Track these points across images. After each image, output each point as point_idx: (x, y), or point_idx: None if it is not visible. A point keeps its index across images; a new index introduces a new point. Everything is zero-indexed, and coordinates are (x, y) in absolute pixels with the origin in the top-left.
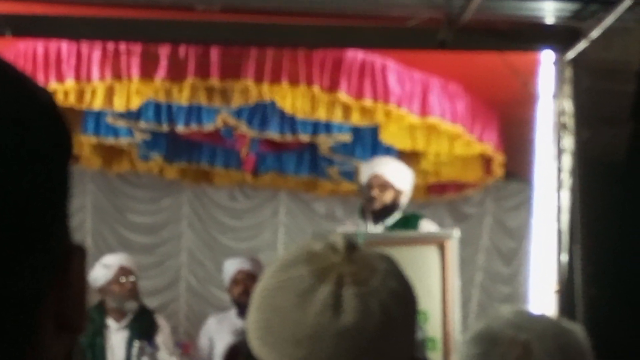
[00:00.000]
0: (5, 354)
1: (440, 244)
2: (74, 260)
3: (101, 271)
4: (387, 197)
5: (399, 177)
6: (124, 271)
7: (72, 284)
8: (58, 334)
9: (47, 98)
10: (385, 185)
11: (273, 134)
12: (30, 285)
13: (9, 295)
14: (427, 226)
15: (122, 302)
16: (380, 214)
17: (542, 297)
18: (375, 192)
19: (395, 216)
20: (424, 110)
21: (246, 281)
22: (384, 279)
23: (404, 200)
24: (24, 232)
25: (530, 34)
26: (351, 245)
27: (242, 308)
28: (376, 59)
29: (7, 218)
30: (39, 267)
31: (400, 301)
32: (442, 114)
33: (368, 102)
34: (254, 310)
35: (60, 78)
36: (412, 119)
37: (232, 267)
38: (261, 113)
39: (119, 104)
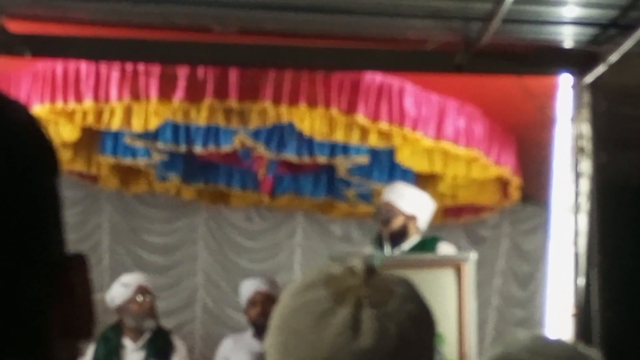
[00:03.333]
0: None
1: (456, 266)
2: (75, 267)
3: (119, 290)
4: (396, 223)
5: (408, 203)
6: (142, 290)
7: (75, 291)
8: (64, 341)
9: (26, 112)
10: (394, 212)
11: (290, 155)
12: (31, 294)
13: (12, 305)
14: (445, 249)
15: (141, 321)
16: (395, 240)
17: (558, 321)
18: (383, 219)
19: (413, 241)
20: (440, 134)
21: (264, 302)
22: (402, 302)
23: (420, 225)
24: (19, 243)
25: (548, 58)
26: (369, 269)
27: (259, 329)
28: (394, 81)
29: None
30: (37, 276)
31: (418, 324)
32: (458, 137)
33: (384, 124)
34: (273, 331)
35: (78, 98)
36: (427, 142)
37: (249, 288)
38: (279, 134)
39: (137, 125)
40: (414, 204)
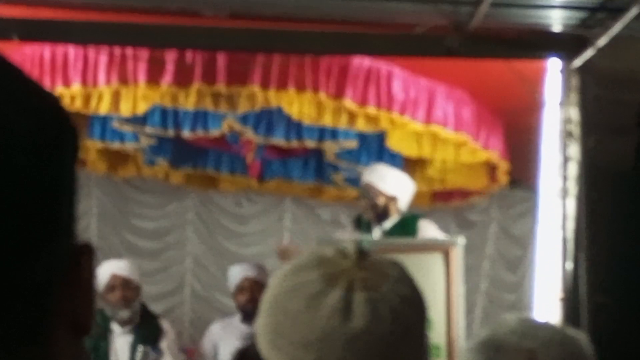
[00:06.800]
0: (21, 352)
1: (445, 251)
2: (84, 258)
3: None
4: (378, 204)
5: (389, 183)
6: (115, 279)
7: (82, 282)
8: (71, 335)
9: (55, 99)
10: (375, 193)
11: (279, 139)
12: (42, 281)
13: (21, 292)
14: (425, 226)
15: (115, 311)
16: (377, 220)
17: (547, 305)
18: (365, 201)
19: (393, 219)
20: (429, 118)
21: (252, 288)
22: (394, 285)
23: (401, 205)
24: (33, 226)
25: (538, 42)
26: (362, 251)
27: (247, 315)
28: (382, 66)
29: (17, 209)
30: (49, 262)
31: (411, 307)
32: (446, 121)
33: (372, 109)
34: (264, 313)
35: (66, 82)
36: (415, 126)
37: (237, 273)
38: (267, 119)
39: (125, 109)
40: (395, 185)
